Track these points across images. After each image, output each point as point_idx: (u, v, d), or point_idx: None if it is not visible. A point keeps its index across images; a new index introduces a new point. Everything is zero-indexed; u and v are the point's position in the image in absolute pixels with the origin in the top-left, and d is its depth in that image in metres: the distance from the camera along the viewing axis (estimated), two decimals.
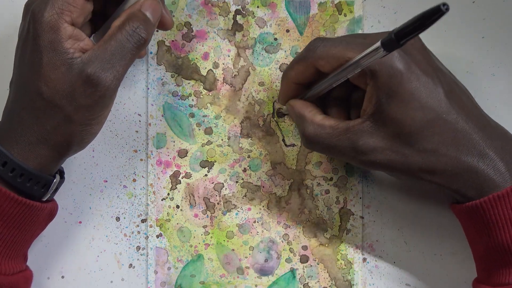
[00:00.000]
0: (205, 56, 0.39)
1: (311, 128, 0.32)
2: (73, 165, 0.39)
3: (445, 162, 0.30)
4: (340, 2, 0.38)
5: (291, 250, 0.39)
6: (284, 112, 0.39)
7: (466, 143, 0.30)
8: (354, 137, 0.31)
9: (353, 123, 0.31)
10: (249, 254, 0.39)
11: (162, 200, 0.39)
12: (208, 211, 0.39)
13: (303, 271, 0.39)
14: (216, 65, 0.39)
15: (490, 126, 0.31)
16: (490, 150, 0.30)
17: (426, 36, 0.28)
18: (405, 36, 0.24)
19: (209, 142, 0.39)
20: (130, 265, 0.39)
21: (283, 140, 0.39)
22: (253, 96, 0.39)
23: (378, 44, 0.26)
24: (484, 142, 0.30)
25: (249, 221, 0.39)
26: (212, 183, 0.39)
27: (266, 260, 0.39)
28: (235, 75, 0.39)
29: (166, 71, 0.39)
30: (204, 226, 0.39)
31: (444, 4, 0.22)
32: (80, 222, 0.39)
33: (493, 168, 0.30)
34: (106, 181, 0.39)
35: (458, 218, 0.33)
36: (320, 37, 0.37)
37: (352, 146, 0.31)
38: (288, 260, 0.39)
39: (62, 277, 0.39)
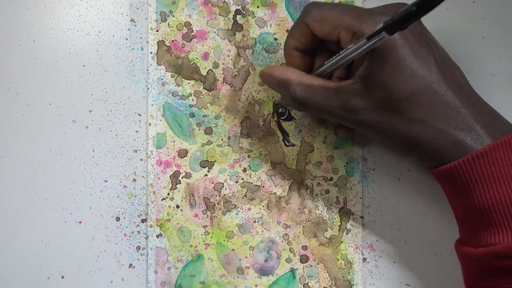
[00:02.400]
0: (205, 56, 0.39)
1: (299, 89, 0.32)
2: (73, 165, 0.39)
3: (431, 133, 0.30)
4: (340, 2, 0.38)
5: (291, 250, 0.39)
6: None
7: (454, 116, 0.29)
8: (345, 97, 0.31)
9: (343, 84, 0.31)
10: (249, 254, 0.39)
11: (162, 200, 0.39)
12: (208, 211, 0.39)
13: (303, 271, 0.39)
14: (216, 65, 0.39)
15: (480, 103, 0.31)
16: (478, 125, 0.29)
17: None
18: (408, 19, 0.24)
19: (209, 142, 0.39)
20: (130, 265, 0.39)
21: (283, 140, 0.39)
22: (253, 96, 0.39)
23: (381, 27, 0.26)
24: (473, 117, 0.29)
25: (249, 221, 0.39)
26: (212, 183, 0.39)
27: (266, 260, 0.39)
28: (235, 75, 0.39)
29: (166, 71, 0.39)
30: (204, 226, 0.39)
31: None
32: (80, 222, 0.39)
33: (480, 143, 0.29)
34: (106, 181, 0.39)
35: (437, 181, 0.33)
36: (317, 1, 0.38)
37: (343, 106, 0.31)
38: (288, 260, 0.39)
39: (62, 277, 0.39)
